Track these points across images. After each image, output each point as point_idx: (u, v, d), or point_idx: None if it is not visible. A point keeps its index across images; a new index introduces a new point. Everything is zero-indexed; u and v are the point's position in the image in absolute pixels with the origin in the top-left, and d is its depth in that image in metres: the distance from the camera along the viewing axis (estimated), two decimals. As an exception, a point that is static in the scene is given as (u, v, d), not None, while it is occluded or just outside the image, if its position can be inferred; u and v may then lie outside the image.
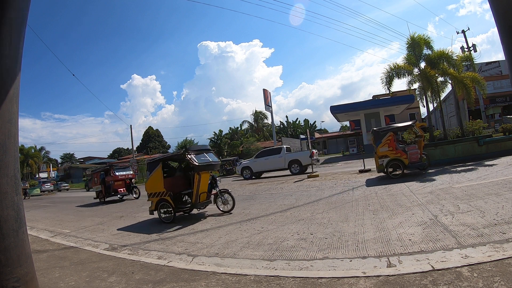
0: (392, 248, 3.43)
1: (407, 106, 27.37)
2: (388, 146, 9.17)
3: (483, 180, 6.75)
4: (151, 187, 6.91)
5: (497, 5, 1.98)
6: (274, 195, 9.05)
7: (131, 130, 32.57)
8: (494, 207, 4.40)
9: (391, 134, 9.22)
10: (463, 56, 14.61)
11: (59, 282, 3.49)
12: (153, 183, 6.85)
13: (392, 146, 9.13)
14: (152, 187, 6.89)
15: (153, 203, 6.84)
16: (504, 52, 1.97)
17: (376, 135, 9.55)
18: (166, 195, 6.61)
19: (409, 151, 9.11)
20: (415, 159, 9.09)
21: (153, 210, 6.91)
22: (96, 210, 11.17)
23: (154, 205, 6.83)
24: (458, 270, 2.62)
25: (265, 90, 25.89)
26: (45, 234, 7.03)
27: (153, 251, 4.59)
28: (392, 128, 9.60)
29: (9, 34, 2.44)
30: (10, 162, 2.44)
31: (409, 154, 9.04)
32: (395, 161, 9.08)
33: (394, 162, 9.09)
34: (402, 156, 9.01)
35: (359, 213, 5.36)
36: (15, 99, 2.54)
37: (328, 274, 2.93)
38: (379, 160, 9.30)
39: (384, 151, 9.20)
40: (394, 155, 9.07)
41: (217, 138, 41.87)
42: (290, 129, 52.81)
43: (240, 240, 4.64)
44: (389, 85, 14.14)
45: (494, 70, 26.41)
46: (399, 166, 9.09)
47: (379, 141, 9.36)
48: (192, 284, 3.06)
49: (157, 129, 62.10)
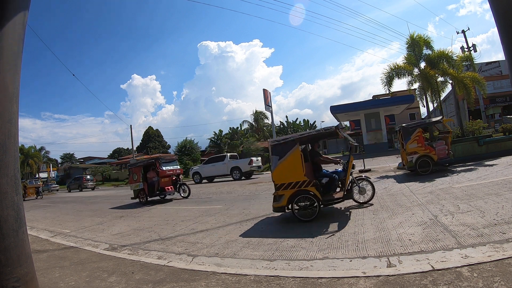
0: (392, 248, 3.43)
1: (407, 106, 27.38)
2: (417, 143, 9.01)
3: (483, 180, 6.75)
4: (283, 176, 5.39)
5: (497, 5, 1.98)
6: (274, 195, 9.05)
7: (131, 130, 32.58)
8: (494, 207, 4.40)
9: (419, 130, 9.13)
10: (463, 56, 14.62)
11: (59, 282, 3.49)
12: (287, 171, 5.35)
13: (421, 142, 9.01)
14: (283, 176, 5.37)
15: (285, 197, 5.33)
16: (504, 52, 1.96)
17: (404, 131, 9.38)
18: (309, 184, 5.22)
19: (437, 147, 9.06)
20: (443, 155, 9.02)
21: (282, 206, 5.39)
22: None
23: (286, 200, 5.33)
24: (458, 270, 2.62)
25: (265, 90, 25.86)
26: (45, 234, 7.03)
27: (153, 251, 4.59)
28: (421, 124, 9.55)
29: (9, 33, 2.44)
30: (10, 162, 2.44)
31: (437, 150, 9.00)
32: (424, 158, 8.95)
33: (424, 159, 8.96)
34: (431, 152, 8.93)
35: (359, 213, 5.37)
36: (15, 99, 2.53)
37: (328, 274, 2.94)
38: (408, 157, 9.14)
39: (413, 147, 9.04)
40: (424, 151, 8.96)
41: (217, 138, 41.83)
42: (290, 129, 52.76)
43: (240, 240, 4.64)
44: (389, 85, 14.15)
45: (494, 70, 26.43)
46: (428, 162, 8.95)
47: (408, 137, 9.18)
48: (192, 284, 3.06)
49: (157, 129, 62.01)
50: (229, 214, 6.87)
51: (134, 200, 11.53)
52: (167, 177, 11.13)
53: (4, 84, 2.42)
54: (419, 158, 8.96)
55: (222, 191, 12.15)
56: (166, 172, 11.05)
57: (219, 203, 8.76)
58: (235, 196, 9.88)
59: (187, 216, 7.37)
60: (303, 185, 5.24)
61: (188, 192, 11.26)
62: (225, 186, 14.38)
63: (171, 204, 10.22)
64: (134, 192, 11.52)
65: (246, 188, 11.81)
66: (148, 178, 11.17)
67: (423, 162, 8.97)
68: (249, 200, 8.61)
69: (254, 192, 10.46)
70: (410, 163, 9.08)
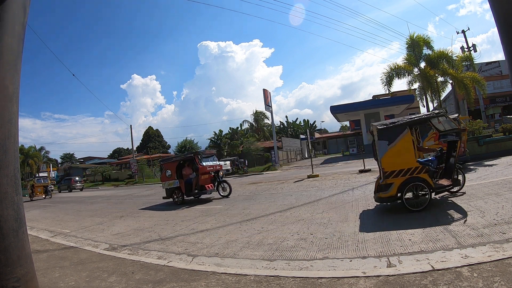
0: (392, 248, 3.43)
1: (407, 106, 27.39)
2: (434, 140, 8.93)
3: (483, 180, 6.75)
4: (394, 163, 4.98)
5: (497, 5, 1.98)
6: (274, 195, 9.06)
7: (131, 130, 32.60)
8: (494, 207, 4.40)
9: None
10: (463, 56, 14.65)
11: (59, 282, 3.49)
12: (398, 156, 4.95)
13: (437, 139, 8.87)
14: (395, 163, 4.97)
15: (395, 185, 4.90)
16: (504, 52, 1.97)
17: (421, 129, 9.19)
18: (422, 171, 4.88)
19: None
20: (460, 152, 8.96)
21: (391, 196, 4.96)
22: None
23: (396, 189, 4.90)
24: (458, 270, 2.62)
25: (265, 90, 25.89)
26: (45, 234, 7.03)
27: (153, 251, 4.59)
28: None
29: (9, 33, 2.45)
30: (10, 162, 2.45)
31: None
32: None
33: None
34: None
35: (359, 213, 5.37)
36: (15, 99, 2.54)
37: (328, 274, 2.94)
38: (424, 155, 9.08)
39: (430, 145, 8.97)
40: None
41: (217, 138, 41.88)
42: (290, 129, 52.81)
43: (240, 240, 4.64)
44: (389, 85, 14.20)
45: (494, 70, 26.39)
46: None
47: (425, 135, 9.07)
48: (192, 284, 3.06)
49: (157, 129, 62.07)
50: (229, 214, 6.88)
51: (166, 200, 10.25)
52: (206, 173, 9.85)
53: (4, 84, 2.43)
54: None
55: (222, 191, 12.13)
56: (207, 168, 9.74)
57: (219, 203, 8.76)
58: (235, 196, 9.87)
59: (187, 216, 7.38)
60: (415, 172, 4.88)
61: (229, 190, 9.95)
62: (225, 186, 14.36)
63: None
64: (166, 191, 10.23)
65: (246, 188, 11.81)
66: (183, 175, 9.83)
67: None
68: (249, 200, 8.61)
69: (254, 192, 10.46)
70: None
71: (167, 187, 10.19)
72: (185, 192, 9.60)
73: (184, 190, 9.58)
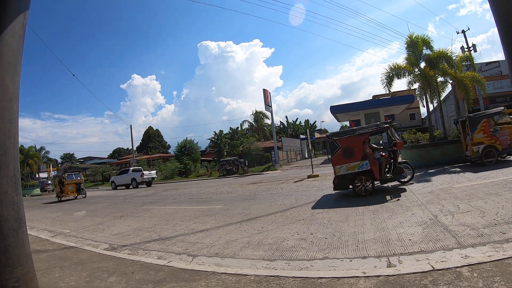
0: (392, 248, 3.43)
1: (407, 106, 27.41)
2: (483, 133, 9.14)
3: (483, 180, 6.75)
4: None
5: (497, 5, 1.98)
6: (274, 195, 9.06)
7: (131, 130, 32.63)
8: (494, 207, 4.40)
9: (485, 121, 9.25)
10: (463, 56, 14.60)
11: (59, 282, 3.49)
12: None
13: (487, 132, 9.14)
14: None
15: None
16: (504, 52, 1.96)
17: (471, 121, 9.46)
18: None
19: (500, 137, 9.16)
20: (506, 145, 9.14)
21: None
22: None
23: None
24: (458, 270, 2.62)
25: (265, 90, 25.91)
26: (45, 234, 7.03)
27: (153, 251, 4.59)
28: (486, 114, 9.66)
29: (9, 34, 2.45)
30: (10, 162, 2.44)
31: (501, 140, 9.10)
32: (490, 148, 9.07)
33: (489, 149, 9.07)
34: (496, 143, 9.03)
35: (359, 213, 5.37)
36: (15, 99, 2.54)
37: (328, 274, 2.93)
38: (473, 148, 9.23)
39: (480, 137, 9.15)
40: (489, 141, 9.08)
41: (217, 138, 41.86)
42: (290, 129, 52.84)
43: (240, 240, 4.64)
44: (389, 85, 14.14)
45: (494, 70, 26.38)
46: (493, 153, 9.04)
47: (475, 127, 9.29)
48: (192, 284, 3.06)
49: (157, 129, 62.07)
50: (229, 214, 6.88)
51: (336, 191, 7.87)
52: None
53: (4, 85, 2.43)
54: (485, 148, 9.08)
55: (222, 191, 12.16)
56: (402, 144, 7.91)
57: (219, 203, 8.76)
58: (235, 196, 9.88)
59: (187, 216, 7.37)
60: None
61: (412, 174, 8.10)
62: (225, 186, 14.40)
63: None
64: (339, 179, 7.37)
65: (246, 188, 11.82)
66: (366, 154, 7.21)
67: (489, 152, 9.09)
68: (249, 200, 8.62)
69: (254, 192, 10.47)
70: (477, 153, 9.18)
71: (345, 172, 7.26)
72: (378, 176, 7.10)
73: (378, 174, 7.08)
